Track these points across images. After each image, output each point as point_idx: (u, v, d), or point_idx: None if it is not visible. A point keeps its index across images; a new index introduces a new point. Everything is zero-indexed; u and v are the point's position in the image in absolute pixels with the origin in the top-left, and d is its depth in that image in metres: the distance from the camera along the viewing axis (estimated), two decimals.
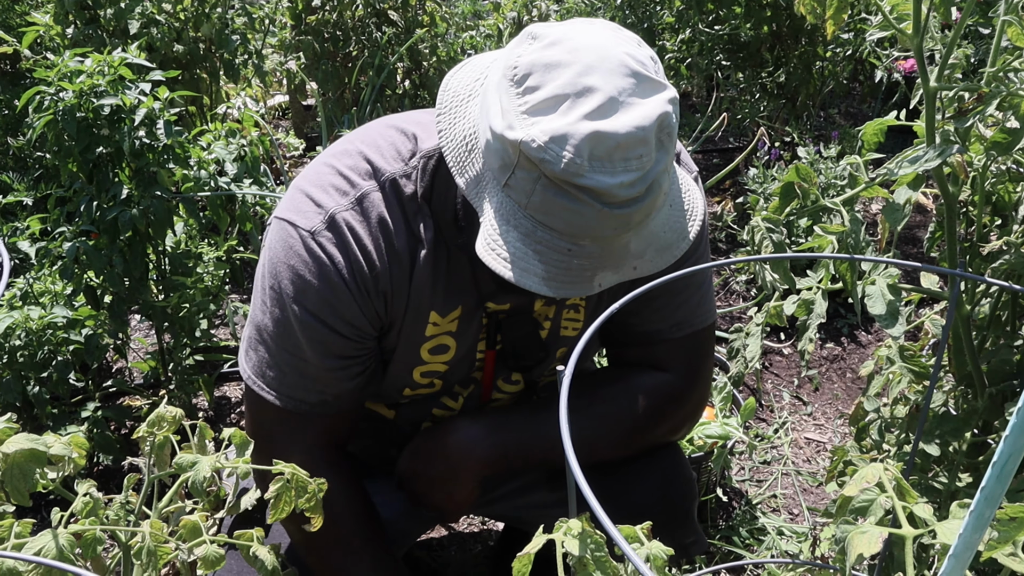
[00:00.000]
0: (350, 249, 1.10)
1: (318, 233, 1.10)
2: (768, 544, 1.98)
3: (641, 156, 0.88)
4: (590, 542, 0.60)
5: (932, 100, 0.81)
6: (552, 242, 0.93)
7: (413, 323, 1.17)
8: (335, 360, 1.15)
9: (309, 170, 1.18)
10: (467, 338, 1.23)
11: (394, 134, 1.16)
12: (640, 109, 0.89)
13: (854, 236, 0.85)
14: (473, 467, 1.21)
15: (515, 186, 0.92)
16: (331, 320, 1.12)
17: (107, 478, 2.16)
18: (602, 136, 0.87)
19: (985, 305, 1.16)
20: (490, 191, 0.96)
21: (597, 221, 0.90)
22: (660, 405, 1.25)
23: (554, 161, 0.87)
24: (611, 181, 0.87)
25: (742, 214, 3.35)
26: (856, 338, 2.80)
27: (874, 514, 0.70)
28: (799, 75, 3.48)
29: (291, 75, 3.69)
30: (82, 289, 2.02)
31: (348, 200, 1.11)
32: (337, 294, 1.10)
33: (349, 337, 1.14)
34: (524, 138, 0.88)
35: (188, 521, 0.97)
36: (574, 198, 0.89)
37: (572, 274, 0.94)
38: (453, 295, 1.17)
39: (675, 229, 1.00)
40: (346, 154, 1.15)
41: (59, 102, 1.80)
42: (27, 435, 0.95)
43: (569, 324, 1.28)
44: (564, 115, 0.88)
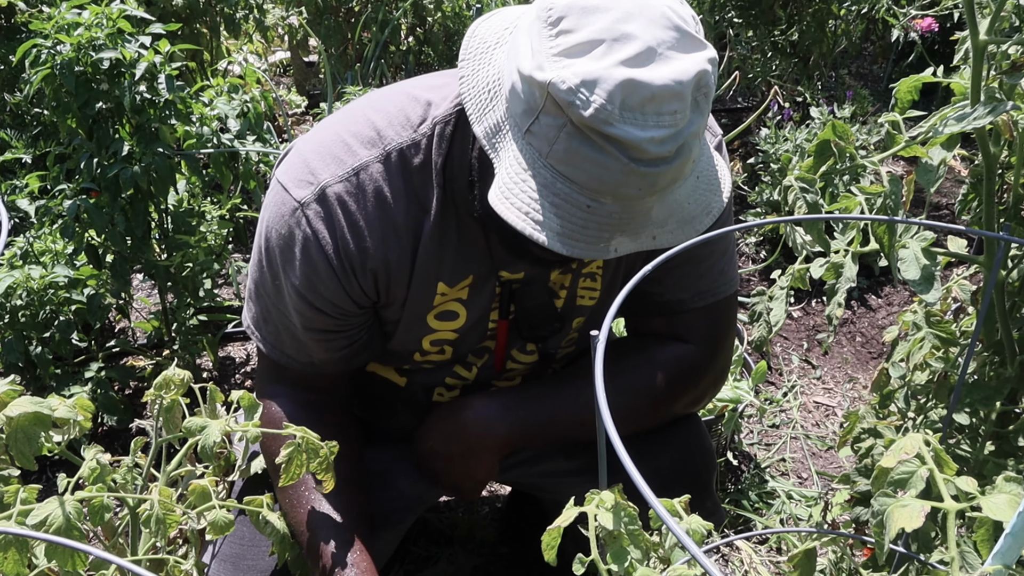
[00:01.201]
0: (337, 225, 1.06)
1: (307, 205, 1.06)
2: (777, 508, 1.97)
3: (675, 112, 0.84)
4: (624, 515, 0.57)
5: (980, 54, 0.77)
6: (571, 196, 0.88)
7: (419, 295, 1.14)
8: (317, 332, 1.14)
9: (314, 132, 1.14)
10: (478, 306, 1.19)
11: (406, 100, 1.11)
12: (679, 63, 0.84)
13: (894, 197, 0.81)
14: (492, 446, 1.18)
15: (538, 132, 0.87)
16: (310, 296, 1.09)
17: (111, 439, 2.15)
18: (636, 85, 0.82)
19: (1016, 271, 1.12)
20: (510, 139, 0.91)
21: (622, 177, 0.86)
22: (682, 377, 1.22)
23: (583, 105, 0.82)
24: (641, 135, 0.83)
25: (752, 174, 3.30)
26: (866, 302, 2.77)
27: (914, 487, 0.67)
28: (812, 33, 3.41)
29: (293, 30, 3.62)
30: (83, 248, 1.99)
31: (344, 171, 1.07)
32: (317, 271, 1.07)
33: (329, 314, 1.12)
34: (554, 79, 0.83)
35: (197, 486, 0.95)
36: (600, 149, 0.84)
37: (588, 234, 0.89)
38: (462, 264, 1.14)
39: (700, 202, 0.96)
40: (353, 120, 1.11)
41: (56, 56, 1.75)
42: (31, 398, 0.93)
43: (586, 293, 1.24)
44: (598, 59, 0.83)
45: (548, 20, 0.87)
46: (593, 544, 0.57)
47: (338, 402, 1.25)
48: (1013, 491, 0.64)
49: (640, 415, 1.22)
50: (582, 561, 0.57)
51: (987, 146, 0.88)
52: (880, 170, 0.82)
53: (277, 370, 1.21)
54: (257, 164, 2.10)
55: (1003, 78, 0.79)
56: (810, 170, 0.86)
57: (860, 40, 3.91)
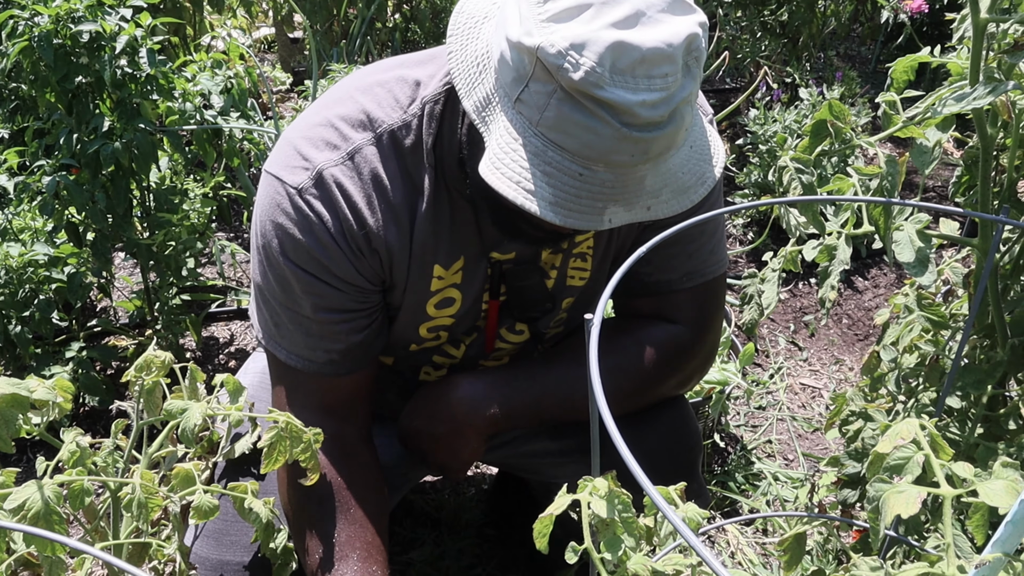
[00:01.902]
0: (339, 207, 1.04)
1: (305, 190, 1.04)
2: (763, 490, 1.98)
3: (666, 75, 0.82)
4: (617, 503, 0.56)
5: (981, 33, 0.75)
6: (563, 164, 0.86)
7: (418, 279, 1.13)
8: (336, 313, 1.10)
9: (301, 120, 1.11)
10: (472, 289, 1.18)
11: (394, 80, 1.09)
12: (669, 26, 0.82)
13: (891, 178, 0.80)
14: (479, 425, 1.17)
15: (528, 100, 0.85)
16: (325, 276, 1.07)
17: (93, 420, 2.12)
18: (626, 47, 0.80)
19: (1007, 254, 1.12)
20: (500, 110, 0.89)
21: (614, 143, 0.84)
22: (671, 358, 1.21)
23: (572, 68, 0.81)
24: (632, 98, 0.81)
25: (740, 155, 3.29)
26: (853, 284, 2.78)
27: (911, 473, 0.66)
28: (801, 14, 3.39)
29: (277, 6, 3.56)
30: (63, 226, 1.95)
31: (338, 155, 1.05)
32: (328, 252, 1.05)
33: (346, 292, 1.09)
34: (542, 43, 0.82)
35: (181, 470, 0.93)
36: (591, 114, 0.82)
37: (582, 203, 0.88)
38: (455, 245, 1.12)
39: (694, 172, 0.94)
40: (340, 103, 1.09)
41: (34, 27, 1.71)
42: (9, 379, 0.90)
43: (576, 273, 1.23)
44: (587, 23, 0.81)
45: None
46: (586, 532, 0.56)
47: (364, 436, 1.20)
48: (1011, 477, 0.63)
49: (628, 396, 1.21)
50: (575, 550, 0.56)
51: (984, 127, 0.87)
52: (878, 151, 0.81)
53: (295, 383, 1.15)
54: (241, 141, 2.07)
55: (1003, 58, 0.78)
56: (806, 150, 0.85)
57: (849, 21, 3.89)
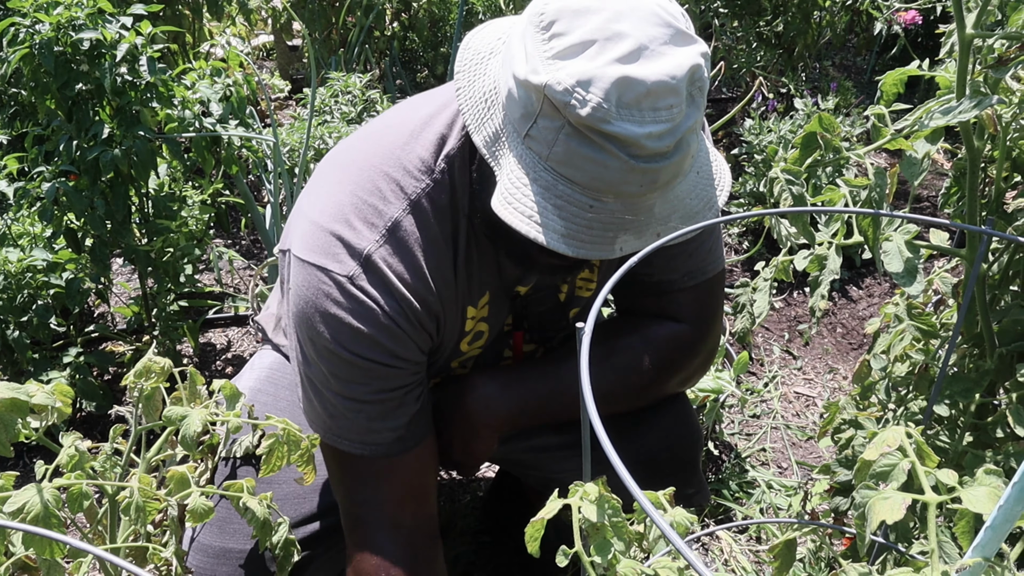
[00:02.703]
0: (394, 289, 1.03)
1: (356, 278, 1.02)
2: (757, 498, 1.99)
3: (672, 107, 0.84)
4: (607, 507, 0.57)
5: (967, 48, 0.77)
6: (573, 197, 0.88)
7: (454, 323, 1.15)
8: (398, 391, 1.09)
9: (325, 198, 1.08)
10: (498, 320, 1.21)
11: (412, 141, 1.07)
12: (672, 59, 0.85)
13: (879, 190, 0.81)
14: (493, 423, 1.19)
15: (537, 136, 0.88)
16: (386, 359, 1.06)
17: (90, 425, 2.13)
18: (631, 81, 0.83)
19: (996, 264, 1.13)
20: (509, 146, 0.91)
21: (622, 175, 0.86)
22: (674, 355, 1.24)
23: (580, 104, 0.83)
24: (639, 131, 0.83)
25: (736, 165, 3.31)
26: (847, 293, 2.79)
27: (896, 480, 0.67)
28: (797, 24, 3.41)
29: (276, 13, 3.58)
30: (62, 231, 1.96)
31: (379, 234, 1.03)
32: (391, 335, 1.04)
33: (406, 368, 1.09)
34: (549, 81, 0.84)
35: (176, 472, 0.94)
36: (599, 148, 0.85)
37: (593, 233, 0.90)
38: (482, 283, 1.15)
39: (702, 197, 0.96)
40: (367, 177, 1.06)
41: (35, 35, 1.72)
42: (8, 384, 0.91)
43: (583, 285, 1.26)
44: (592, 59, 0.84)
45: (540, 24, 0.87)
46: (577, 536, 0.57)
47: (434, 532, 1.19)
48: (993, 484, 0.64)
49: (635, 393, 1.23)
50: (565, 553, 0.57)
51: (971, 140, 0.88)
52: (865, 162, 0.82)
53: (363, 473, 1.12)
54: (239, 149, 2.08)
55: (988, 72, 0.80)
56: (796, 162, 0.86)
57: (844, 32, 3.92)
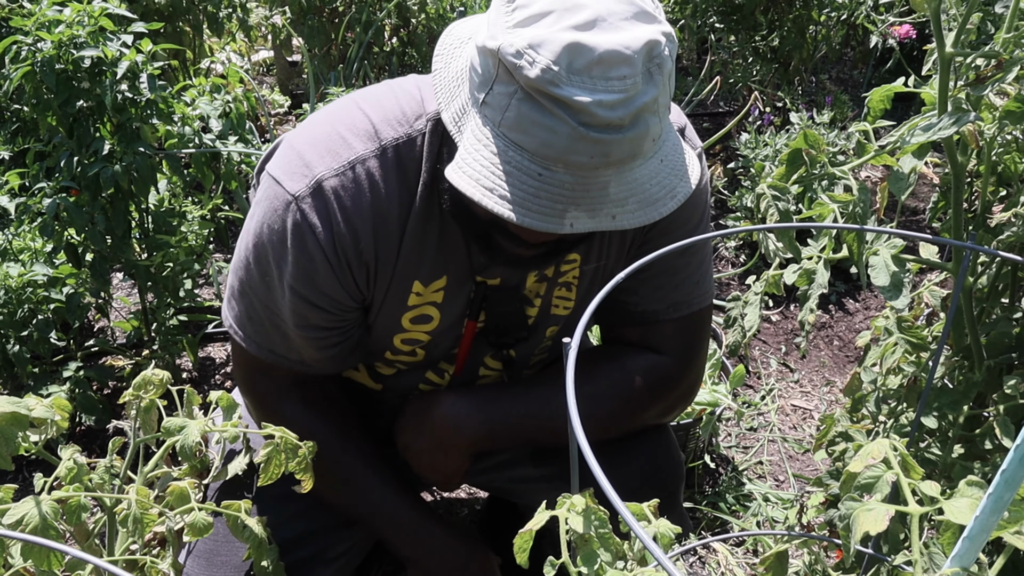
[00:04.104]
0: (334, 218, 1.05)
1: (302, 198, 1.05)
2: (754, 510, 1.99)
3: (624, 77, 0.84)
4: (594, 519, 0.58)
5: (947, 66, 0.79)
6: (523, 164, 0.88)
7: (397, 292, 1.14)
8: (312, 330, 1.13)
9: (306, 126, 1.13)
10: (453, 309, 1.19)
11: (402, 95, 1.11)
12: (629, 32, 0.85)
13: (863, 205, 0.82)
14: (460, 442, 1.19)
15: (491, 103, 0.88)
16: (307, 291, 1.09)
17: (90, 439, 2.14)
18: (581, 47, 0.83)
19: (984, 277, 1.15)
20: (470, 117, 0.92)
21: (571, 143, 0.85)
22: (654, 387, 1.23)
23: (528, 66, 0.83)
24: (589, 97, 0.83)
25: (732, 179, 3.33)
26: (844, 306, 2.80)
27: (880, 491, 0.68)
28: (793, 39, 3.44)
29: (276, 30, 3.61)
30: (63, 247, 1.98)
31: (340, 164, 1.06)
32: (316, 265, 1.07)
33: (327, 309, 1.11)
34: (503, 44, 0.85)
35: (176, 488, 0.95)
36: (549, 112, 0.84)
37: (541, 203, 0.88)
38: (439, 264, 1.14)
39: (664, 184, 0.94)
40: (347, 113, 1.10)
41: (37, 53, 1.74)
42: (8, 397, 0.93)
43: (560, 303, 1.24)
44: (548, 26, 0.84)
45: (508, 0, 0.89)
46: (564, 547, 0.58)
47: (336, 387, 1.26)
48: (975, 495, 0.65)
49: (609, 422, 1.22)
50: (552, 564, 0.58)
51: (955, 155, 0.90)
52: (849, 179, 0.84)
53: (263, 370, 1.20)
54: (239, 164, 2.10)
55: (968, 90, 0.81)
56: (782, 178, 0.88)
57: (840, 46, 3.95)
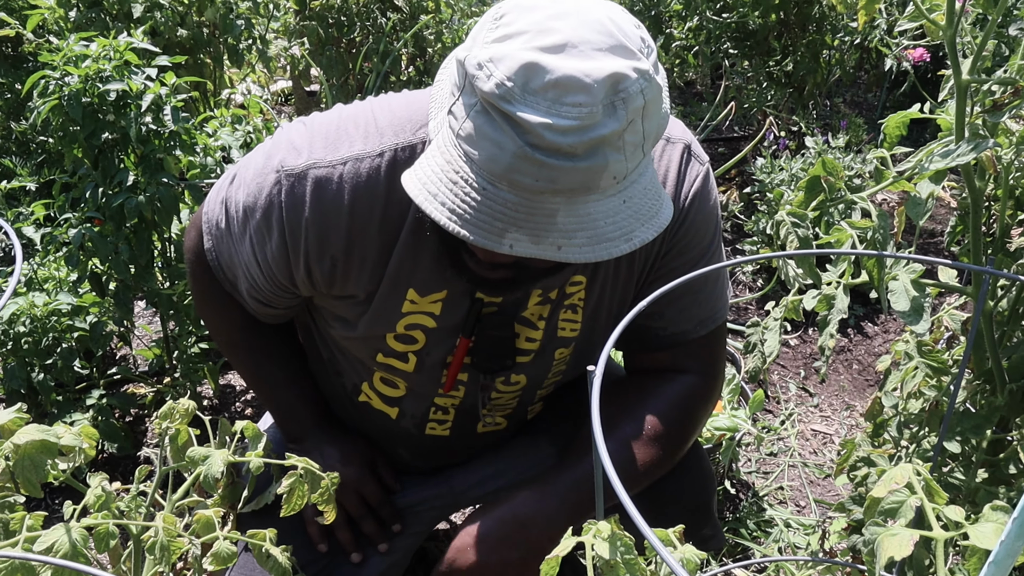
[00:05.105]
0: (308, 207, 1.08)
1: (288, 174, 1.08)
2: (775, 536, 1.98)
3: (580, 105, 0.82)
4: (620, 545, 0.59)
5: (964, 93, 0.80)
6: (468, 176, 0.88)
7: (389, 296, 1.15)
8: (249, 275, 1.19)
9: (331, 111, 1.17)
10: (450, 321, 1.19)
11: (413, 103, 1.13)
12: (595, 62, 0.84)
13: (883, 231, 0.83)
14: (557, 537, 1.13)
15: (456, 112, 0.90)
16: (258, 249, 1.15)
17: (112, 466, 2.15)
18: (538, 68, 0.83)
19: (1004, 300, 1.14)
20: (440, 126, 0.94)
21: (515, 161, 0.84)
22: (695, 408, 1.23)
23: (484, 79, 0.84)
24: (537, 119, 0.82)
25: (748, 203, 3.34)
26: (863, 330, 2.79)
27: (904, 516, 0.68)
28: (807, 64, 3.46)
29: (295, 61, 3.66)
30: (87, 276, 2.01)
31: (334, 158, 1.08)
32: (272, 234, 1.12)
33: (264, 272, 1.17)
34: (469, 56, 0.87)
35: (202, 516, 0.96)
36: (498, 127, 0.85)
37: (480, 218, 0.88)
38: (438, 278, 1.14)
39: (621, 226, 0.91)
40: (363, 112, 1.14)
41: (65, 87, 1.78)
42: (38, 425, 0.94)
43: (566, 325, 1.23)
44: (516, 45, 0.85)
45: (494, 16, 0.90)
46: (591, 573, 0.59)
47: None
48: (1000, 519, 0.65)
49: (669, 460, 1.20)
50: None
51: (972, 181, 0.90)
52: (867, 205, 0.85)
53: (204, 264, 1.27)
54: None
55: (985, 116, 0.82)
56: (801, 205, 0.89)
57: (854, 69, 3.96)
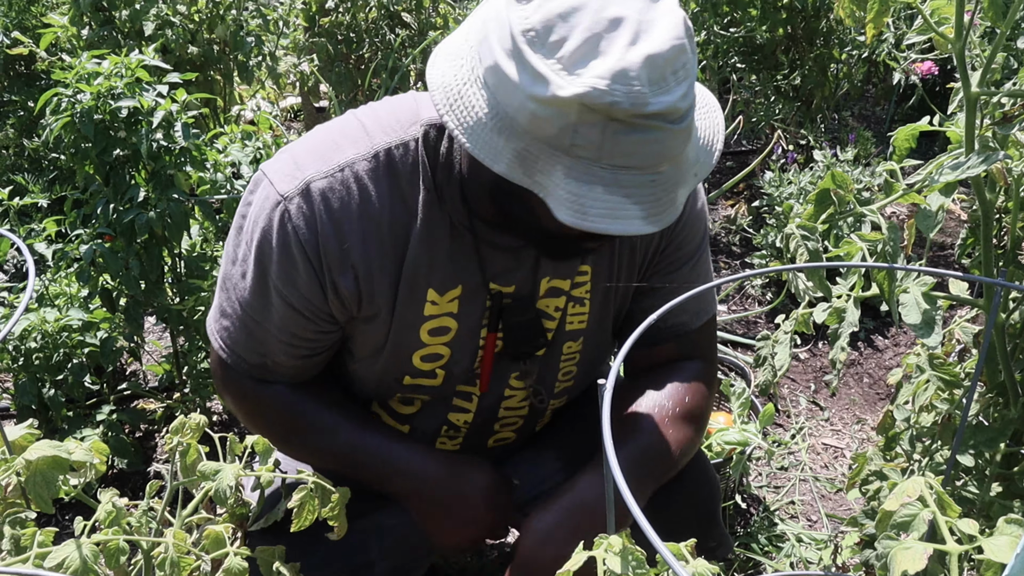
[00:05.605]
0: (319, 219, 1.07)
1: (289, 199, 1.07)
2: (787, 551, 1.96)
3: (685, 64, 0.88)
4: (631, 559, 0.58)
5: (973, 106, 0.80)
6: (636, 180, 0.91)
7: (408, 302, 1.14)
8: (286, 334, 1.15)
9: (305, 135, 1.17)
10: (469, 319, 1.18)
11: (397, 105, 1.14)
12: (666, 19, 0.88)
13: (893, 244, 0.83)
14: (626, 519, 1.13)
15: (582, 144, 0.88)
16: (288, 292, 1.10)
17: (122, 482, 2.15)
18: (654, 58, 0.86)
19: (1016, 313, 1.14)
20: (547, 162, 0.91)
21: (671, 142, 0.89)
22: (710, 388, 1.27)
23: (623, 99, 0.85)
24: (671, 99, 0.86)
25: (757, 217, 3.33)
26: (873, 343, 2.78)
27: (916, 529, 0.68)
28: (814, 77, 3.46)
29: (304, 77, 3.69)
30: (98, 292, 2.02)
31: (329, 167, 1.08)
32: (297, 267, 1.09)
33: (304, 313, 1.13)
34: (581, 90, 0.85)
35: (212, 531, 0.96)
36: (646, 129, 0.87)
37: (661, 203, 0.93)
38: (453, 273, 1.14)
39: (705, 126, 1.00)
40: (343, 122, 1.14)
41: (77, 104, 1.80)
42: (50, 441, 0.94)
43: (574, 318, 1.25)
44: (609, 53, 0.86)
45: (533, 39, 0.87)
46: None
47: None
48: (1014, 533, 0.65)
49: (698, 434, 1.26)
50: None
51: (983, 193, 0.90)
52: (877, 218, 0.84)
53: (221, 368, 1.22)
54: None
55: (995, 129, 0.82)
56: (811, 218, 0.88)
57: (862, 83, 3.96)
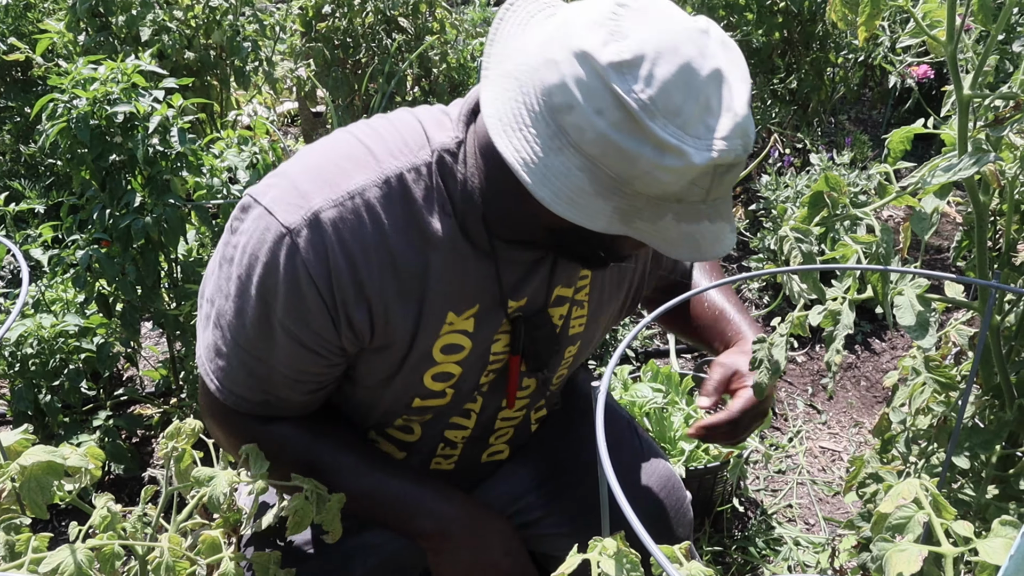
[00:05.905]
0: (331, 252, 0.99)
1: (297, 232, 0.98)
2: (785, 555, 1.96)
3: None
4: (626, 562, 0.58)
5: (965, 108, 0.80)
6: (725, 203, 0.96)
7: (428, 328, 1.09)
8: (293, 371, 1.07)
9: (300, 157, 1.07)
10: (483, 337, 1.14)
11: (400, 125, 1.07)
12: (729, 53, 0.90)
13: (886, 246, 0.83)
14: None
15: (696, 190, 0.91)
16: (297, 329, 1.02)
17: (118, 488, 2.15)
18: (745, 99, 0.89)
19: (1012, 315, 1.14)
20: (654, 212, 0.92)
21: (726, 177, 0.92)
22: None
23: (740, 149, 0.89)
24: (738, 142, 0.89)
25: (754, 221, 3.34)
26: (870, 346, 2.78)
27: (912, 531, 0.68)
28: (811, 81, 3.47)
29: (301, 82, 3.69)
30: (94, 297, 2.02)
31: (339, 195, 1.00)
32: (308, 304, 1.00)
33: (314, 350, 1.05)
34: (716, 155, 0.87)
35: (208, 536, 0.96)
36: (722, 172, 0.90)
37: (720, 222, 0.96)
38: (471, 295, 1.09)
39: None
40: (345, 143, 1.06)
41: (73, 109, 1.80)
42: (44, 447, 0.94)
43: (576, 323, 1.24)
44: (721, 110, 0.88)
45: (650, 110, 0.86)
46: None
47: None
48: (1009, 535, 0.65)
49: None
50: None
51: (976, 195, 0.90)
52: (872, 221, 0.85)
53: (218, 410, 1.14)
54: None
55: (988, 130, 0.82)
56: (804, 221, 0.89)
57: (858, 86, 3.97)
